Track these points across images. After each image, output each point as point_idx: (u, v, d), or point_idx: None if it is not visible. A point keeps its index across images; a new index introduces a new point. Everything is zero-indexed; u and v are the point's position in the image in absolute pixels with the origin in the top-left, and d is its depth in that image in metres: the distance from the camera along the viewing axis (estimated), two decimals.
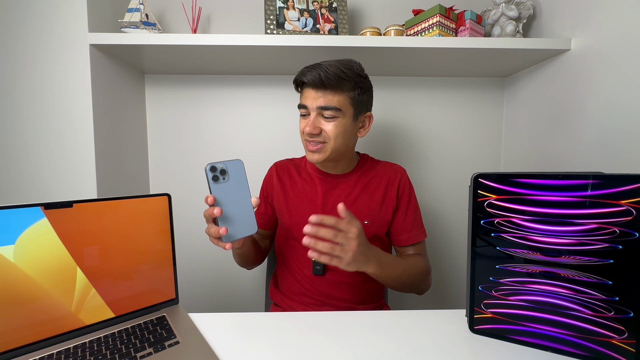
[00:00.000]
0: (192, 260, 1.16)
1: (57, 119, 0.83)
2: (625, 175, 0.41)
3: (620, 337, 0.42)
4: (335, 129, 0.68)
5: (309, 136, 0.70)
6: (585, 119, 0.83)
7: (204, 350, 0.47)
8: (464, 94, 1.18)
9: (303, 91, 0.71)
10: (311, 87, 0.68)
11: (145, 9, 0.91)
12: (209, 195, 0.52)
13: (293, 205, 0.77)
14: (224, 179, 0.52)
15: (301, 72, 0.70)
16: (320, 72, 0.66)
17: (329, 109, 0.67)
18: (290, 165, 0.83)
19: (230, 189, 0.53)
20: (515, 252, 0.48)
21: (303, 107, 0.70)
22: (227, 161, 0.53)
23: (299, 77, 0.70)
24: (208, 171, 0.51)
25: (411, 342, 0.50)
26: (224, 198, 0.52)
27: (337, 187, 0.77)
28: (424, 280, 0.74)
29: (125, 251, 0.54)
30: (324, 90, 0.67)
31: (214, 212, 0.51)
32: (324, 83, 0.66)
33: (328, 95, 0.67)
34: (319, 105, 0.67)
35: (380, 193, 0.76)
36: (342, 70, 0.66)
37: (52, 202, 0.48)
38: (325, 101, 0.67)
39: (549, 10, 0.95)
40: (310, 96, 0.68)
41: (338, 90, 0.67)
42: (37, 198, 0.83)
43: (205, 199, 0.52)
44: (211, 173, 0.51)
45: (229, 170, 0.53)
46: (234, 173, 0.53)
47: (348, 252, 0.54)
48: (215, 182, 0.52)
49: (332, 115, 0.68)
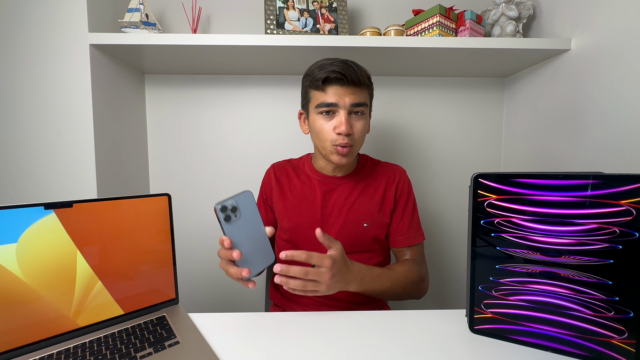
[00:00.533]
0: (192, 260, 1.16)
1: (57, 119, 0.83)
2: (625, 175, 0.41)
3: (620, 337, 0.42)
4: (362, 127, 0.67)
5: (342, 137, 0.65)
6: (585, 119, 0.83)
7: (204, 350, 0.47)
8: (464, 94, 1.18)
9: (327, 88, 0.65)
10: (339, 84, 0.64)
11: (145, 9, 0.91)
12: (224, 238, 0.48)
13: (292, 208, 0.76)
14: (236, 216, 0.49)
15: (321, 68, 0.65)
16: (353, 66, 0.63)
17: (361, 105, 0.65)
18: (288, 166, 0.82)
19: (243, 225, 0.50)
20: (515, 252, 0.48)
21: (330, 105, 0.65)
22: (236, 196, 0.50)
23: (329, 74, 0.63)
24: (219, 212, 0.47)
25: (411, 342, 0.50)
26: (239, 236, 0.50)
27: (336, 190, 0.76)
28: (418, 288, 0.71)
29: (125, 251, 0.54)
30: (355, 86, 0.64)
31: (234, 255, 0.48)
32: (359, 78, 0.63)
33: (357, 91, 0.65)
34: (353, 102, 0.64)
35: (379, 195, 0.75)
36: (359, 67, 0.65)
37: (52, 202, 0.48)
38: (358, 97, 0.65)
39: (549, 10, 0.95)
40: (339, 93, 0.64)
41: (364, 86, 0.66)
42: (37, 198, 0.83)
43: (220, 242, 0.49)
44: (222, 214, 0.48)
45: (239, 206, 0.50)
46: (245, 207, 0.50)
47: (322, 284, 0.54)
48: (227, 222, 0.48)
49: (362, 112, 0.66)
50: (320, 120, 0.68)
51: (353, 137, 0.66)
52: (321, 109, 0.67)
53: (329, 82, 0.65)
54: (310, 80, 0.68)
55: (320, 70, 0.65)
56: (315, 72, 0.66)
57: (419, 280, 0.71)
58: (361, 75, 0.65)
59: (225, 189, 1.16)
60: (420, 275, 0.71)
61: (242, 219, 0.50)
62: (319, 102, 0.66)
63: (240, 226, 0.50)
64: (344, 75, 0.63)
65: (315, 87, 0.67)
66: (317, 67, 0.66)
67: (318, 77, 0.65)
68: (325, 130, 0.67)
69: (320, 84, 0.65)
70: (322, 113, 0.67)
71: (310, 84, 0.68)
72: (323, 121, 0.67)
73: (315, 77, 0.66)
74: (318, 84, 0.65)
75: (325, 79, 0.64)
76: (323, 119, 0.67)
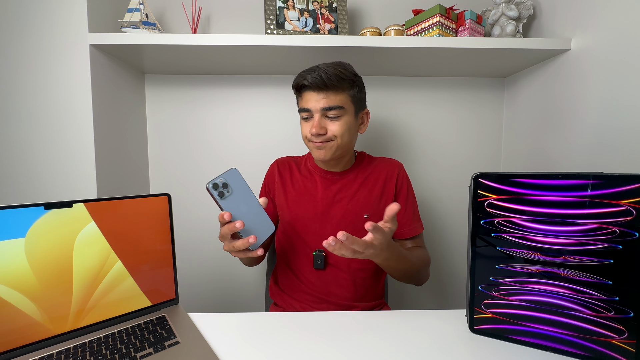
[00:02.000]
0: (192, 260, 1.16)
1: (57, 119, 0.83)
2: (625, 175, 0.41)
3: (620, 337, 0.42)
4: (341, 127, 0.70)
5: (315, 137, 0.70)
6: (586, 119, 0.83)
7: (204, 350, 0.47)
8: (464, 94, 1.18)
9: (303, 95, 0.72)
10: (312, 90, 0.69)
11: (145, 9, 0.91)
12: (223, 213, 0.51)
13: (293, 200, 0.79)
14: (228, 192, 0.52)
15: (300, 76, 0.70)
16: (321, 74, 0.67)
17: (333, 108, 0.69)
18: (291, 161, 0.85)
19: (237, 199, 0.53)
20: (515, 252, 0.48)
21: (306, 110, 0.71)
22: (224, 174, 0.53)
23: (299, 81, 0.70)
24: (212, 190, 0.51)
25: (411, 342, 0.50)
26: (236, 210, 0.53)
27: (337, 183, 0.78)
28: (425, 273, 0.76)
29: (125, 251, 0.54)
30: (326, 91, 0.68)
31: (237, 225, 0.50)
32: (326, 83, 0.67)
33: (330, 95, 0.68)
34: (323, 107, 0.69)
35: (379, 187, 0.78)
36: (340, 71, 0.68)
37: (52, 202, 0.48)
38: (329, 102, 0.68)
39: (549, 10, 0.95)
40: (312, 99, 0.69)
41: (339, 89, 0.69)
42: (37, 198, 0.83)
43: (220, 217, 0.51)
44: (215, 190, 0.51)
45: (229, 182, 0.53)
46: (234, 182, 0.53)
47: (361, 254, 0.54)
48: (222, 198, 0.52)
49: (336, 115, 0.69)
50: (302, 122, 0.74)
51: (329, 136, 0.70)
52: (301, 114, 0.73)
53: (303, 88, 0.71)
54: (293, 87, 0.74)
55: (298, 77, 0.71)
56: (295, 79, 0.72)
57: (428, 264, 0.76)
58: (334, 79, 0.67)
59: None
60: (429, 260, 0.77)
61: (235, 193, 0.53)
62: (299, 107, 0.74)
63: (235, 200, 0.53)
64: (311, 83, 0.68)
65: (296, 94, 0.75)
66: (298, 74, 0.71)
67: (294, 84, 0.72)
68: (304, 132, 0.73)
69: (296, 91, 0.74)
70: (303, 117, 0.73)
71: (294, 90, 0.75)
72: (304, 124, 0.74)
73: (293, 84, 0.73)
74: (295, 91, 0.74)
75: (299, 87, 0.71)
76: (304, 122, 0.74)
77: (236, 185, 0.54)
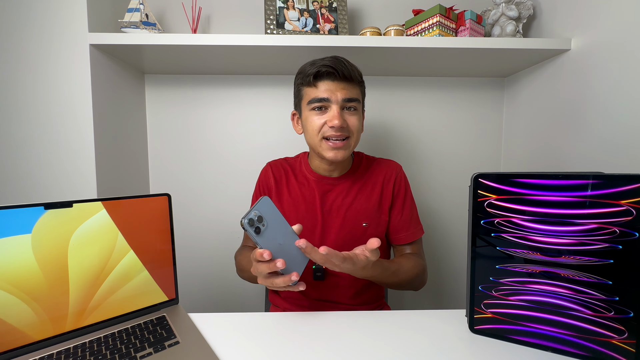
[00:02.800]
0: (192, 260, 1.16)
1: (57, 119, 0.83)
2: (625, 175, 0.41)
3: (620, 337, 0.42)
4: (358, 121, 0.67)
5: (336, 130, 0.65)
6: (585, 119, 0.83)
7: (204, 350, 0.47)
8: (464, 94, 1.18)
9: (319, 84, 0.66)
10: (331, 79, 0.65)
11: (145, 9, 0.91)
12: (263, 251, 0.48)
13: (290, 208, 0.76)
14: (264, 225, 0.49)
15: (312, 64, 0.65)
16: (343, 62, 0.63)
17: (354, 100, 0.66)
18: (286, 165, 0.81)
19: (274, 232, 0.50)
20: (515, 252, 0.48)
21: (322, 100, 0.65)
22: (257, 205, 0.49)
23: (320, 69, 0.64)
24: (247, 227, 0.47)
25: (411, 342, 0.50)
26: (274, 245, 0.49)
27: (334, 190, 0.75)
28: (420, 281, 0.73)
29: (124, 251, 0.54)
30: (346, 82, 0.65)
31: (278, 265, 0.48)
32: (350, 73, 0.63)
33: (349, 87, 0.65)
34: (345, 97, 0.64)
35: (376, 193, 0.75)
36: (350, 63, 0.65)
37: (52, 202, 0.48)
38: (350, 93, 0.65)
39: (549, 10, 0.95)
40: (331, 88, 0.64)
41: (355, 82, 0.66)
42: (37, 198, 0.83)
43: (259, 256, 0.49)
44: (251, 228, 0.48)
45: (263, 215, 0.49)
46: (268, 213, 0.50)
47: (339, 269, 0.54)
48: (258, 234, 0.48)
49: (355, 107, 0.66)
50: (313, 116, 0.67)
51: (348, 130, 0.67)
52: (313, 105, 0.67)
53: (321, 77, 0.65)
54: (301, 77, 0.68)
55: (312, 66, 0.65)
56: (306, 68, 0.66)
57: (422, 273, 0.73)
58: (352, 71, 0.65)
59: (225, 188, 1.16)
60: (423, 268, 0.74)
61: (270, 226, 0.50)
62: (311, 98, 0.66)
63: (271, 234, 0.50)
64: (335, 70, 0.63)
65: (307, 84, 0.67)
66: (308, 64, 0.67)
67: (309, 72, 0.65)
68: (317, 126, 0.67)
69: (312, 79, 0.66)
70: (315, 109, 0.67)
71: (302, 81, 0.69)
72: (315, 117, 0.67)
73: (306, 73, 0.66)
74: (309, 79, 0.66)
75: (316, 74, 0.65)
76: (315, 114, 0.67)
77: (270, 216, 0.50)
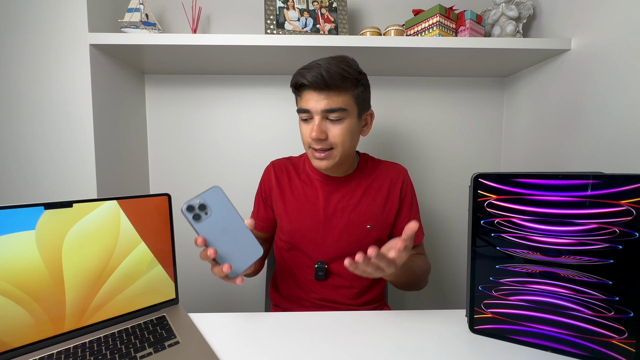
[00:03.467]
0: (192, 260, 1.16)
1: (57, 119, 0.83)
2: (625, 175, 0.41)
3: (620, 337, 0.42)
4: (342, 132, 0.65)
5: (315, 142, 0.65)
6: (586, 119, 0.83)
7: (204, 350, 0.47)
8: (464, 94, 1.18)
9: (303, 94, 0.65)
10: (312, 89, 0.63)
11: (145, 9, 0.91)
12: (197, 237, 0.47)
13: (293, 209, 0.75)
14: (207, 213, 0.48)
15: (298, 73, 0.64)
16: (322, 72, 0.60)
17: (335, 110, 0.63)
18: (289, 164, 0.80)
19: (216, 223, 0.49)
20: (515, 252, 0.48)
21: (305, 111, 0.65)
22: (203, 194, 0.48)
23: (298, 80, 0.64)
24: (185, 212, 0.46)
25: (411, 342, 0.50)
26: (214, 234, 0.48)
27: (339, 191, 0.74)
28: (426, 279, 0.75)
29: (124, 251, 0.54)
30: (328, 92, 0.62)
31: (209, 253, 0.47)
32: (328, 83, 0.61)
33: (332, 96, 0.62)
34: (324, 108, 0.63)
35: (382, 196, 0.74)
36: (343, 69, 0.62)
37: (52, 202, 0.48)
38: (330, 103, 0.62)
39: (549, 10, 0.95)
40: (312, 99, 0.63)
41: (342, 89, 0.63)
42: (37, 198, 0.83)
43: (195, 242, 0.48)
44: (190, 213, 0.47)
45: (208, 203, 0.48)
46: (215, 204, 0.49)
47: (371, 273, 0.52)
48: (197, 221, 0.47)
49: (338, 117, 0.64)
50: (301, 124, 0.69)
51: (328, 142, 0.65)
52: (300, 114, 0.68)
53: (303, 88, 0.65)
54: (291, 85, 0.68)
55: (297, 75, 0.64)
56: (294, 76, 0.66)
57: (429, 272, 0.75)
58: (339, 80, 0.61)
59: (225, 188, 1.16)
60: (430, 268, 0.76)
61: (214, 215, 0.49)
62: (298, 107, 0.68)
63: (213, 223, 0.49)
64: (311, 83, 0.62)
65: (294, 92, 0.69)
66: (297, 71, 0.66)
67: (292, 82, 0.66)
68: (304, 135, 0.68)
69: (294, 89, 0.67)
70: (302, 118, 0.68)
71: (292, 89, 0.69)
72: (303, 125, 0.68)
73: (292, 82, 0.67)
74: (293, 89, 0.67)
75: (298, 85, 0.65)
76: (303, 123, 0.68)
77: (217, 206, 0.49)
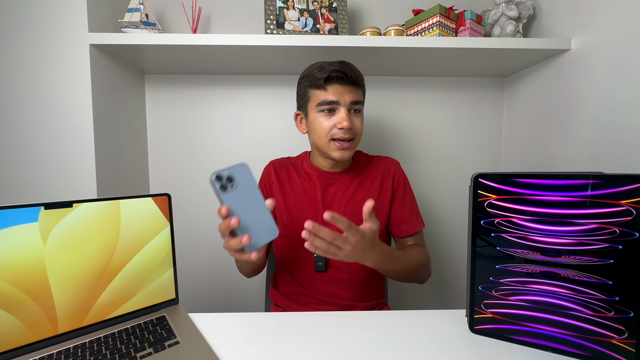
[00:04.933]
0: (192, 260, 1.17)
1: (57, 119, 0.83)
2: (625, 175, 0.41)
3: (620, 337, 0.42)
4: (361, 123, 0.73)
5: (344, 132, 0.69)
6: (586, 119, 0.83)
7: (204, 350, 0.47)
8: (464, 94, 1.18)
9: (328, 87, 0.70)
10: (339, 83, 0.69)
11: (145, 9, 0.91)
12: (221, 207, 0.48)
13: (292, 203, 0.78)
14: (232, 186, 0.49)
15: (321, 69, 0.69)
16: (345, 69, 0.68)
17: (359, 102, 0.71)
18: (287, 163, 0.84)
19: (241, 196, 0.49)
20: (515, 252, 0.48)
21: (331, 103, 0.69)
22: (232, 167, 0.49)
23: (328, 73, 0.68)
24: (214, 181, 0.47)
25: (411, 342, 0.50)
26: (238, 206, 0.49)
27: (335, 184, 0.78)
28: (426, 271, 0.74)
29: (125, 251, 0.54)
30: (353, 85, 0.70)
31: (232, 222, 0.47)
32: (352, 78, 0.69)
33: (355, 90, 0.71)
34: (352, 100, 0.70)
35: (376, 186, 0.78)
36: (356, 68, 0.71)
37: (52, 202, 0.48)
38: (356, 96, 0.70)
39: (549, 10, 0.95)
40: (339, 91, 0.69)
41: (359, 85, 0.72)
42: (37, 198, 0.83)
43: (218, 211, 0.48)
44: (218, 182, 0.47)
45: (235, 177, 0.49)
46: (241, 178, 0.49)
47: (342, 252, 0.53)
48: (224, 191, 0.48)
49: (359, 109, 0.73)
50: (321, 118, 0.71)
51: (354, 131, 0.71)
52: (322, 107, 0.71)
53: (331, 81, 0.69)
54: (310, 80, 0.72)
55: (321, 70, 0.69)
56: (315, 72, 0.70)
57: (427, 263, 0.74)
58: (358, 76, 0.71)
59: None
60: (428, 258, 0.75)
61: (239, 189, 0.49)
62: (320, 101, 0.70)
63: (238, 196, 0.49)
64: (345, 75, 0.68)
65: (316, 87, 0.71)
66: (316, 68, 0.71)
67: (319, 76, 0.69)
68: (325, 128, 0.71)
69: (322, 82, 0.70)
70: (324, 111, 0.71)
71: (310, 84, 0.72)
72: (323, 119, 0.71)
73: (316, 76, 0.70)
74: (320, 83, 0.70)
75: (327, 78, 0.69)
76: (324, 116, 0.71)
77: (243, 181, 0.50)
